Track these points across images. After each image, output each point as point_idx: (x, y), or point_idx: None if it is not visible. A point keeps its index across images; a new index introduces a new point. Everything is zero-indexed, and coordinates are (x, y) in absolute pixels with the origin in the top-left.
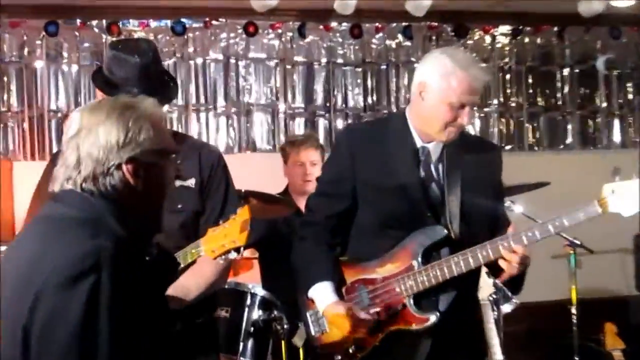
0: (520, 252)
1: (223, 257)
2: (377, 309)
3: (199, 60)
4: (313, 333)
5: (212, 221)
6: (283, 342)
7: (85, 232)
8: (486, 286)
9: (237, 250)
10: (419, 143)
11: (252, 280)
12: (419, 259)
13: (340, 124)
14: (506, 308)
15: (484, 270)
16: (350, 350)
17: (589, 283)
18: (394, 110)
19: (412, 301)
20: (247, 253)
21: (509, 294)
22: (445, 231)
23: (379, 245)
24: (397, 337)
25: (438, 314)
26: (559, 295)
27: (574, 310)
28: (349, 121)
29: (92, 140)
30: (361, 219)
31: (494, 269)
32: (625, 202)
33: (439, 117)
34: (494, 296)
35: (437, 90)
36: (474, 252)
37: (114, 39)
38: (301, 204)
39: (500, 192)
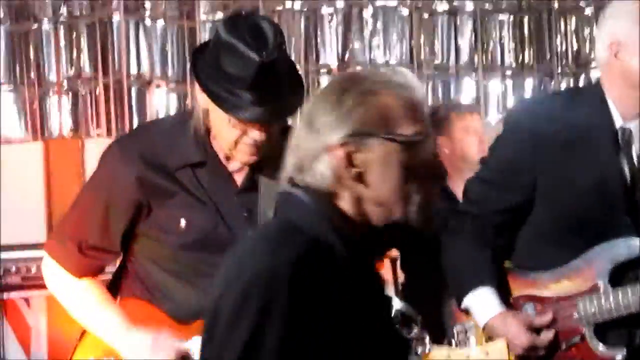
0: None
1: None
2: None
3: (310, 11)
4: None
5: None
6: None
7: (267, 245)
8: None
9: None
10: (618, 123)
11: None
12: (607, 279)
13: (492, 86)
14: None
15: None
16: None
17: None
18: (556, 69)
19: (592, 332)
20: None
21: None
22: None
23: (556, 255)
24: None
25: (625, 351)
26: None
27: None
28: (505, 83)
29: (305, 121)
30: (536, 220)
31: None
32: None
33: None
34: None
35: (637, 41)
36: None
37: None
38: (459, 187)
39: None
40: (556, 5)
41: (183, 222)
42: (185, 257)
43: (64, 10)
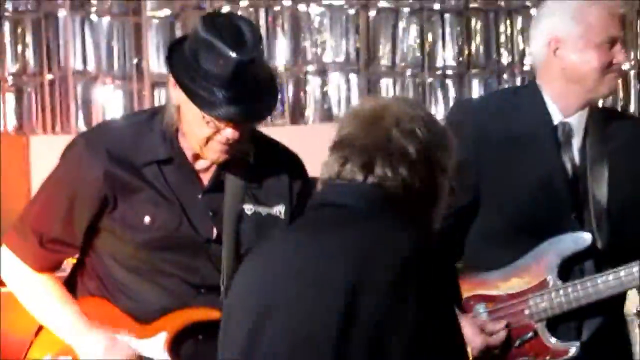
0: None
1: None
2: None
3: (261, 8)
4: None
5: None
6: None
7: (402, 225)
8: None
9: None
10: (557, 118)
11: None
12: (555, 274)
13: (437, 86)
14: None
15: None
16: None
17: None
18: (505, 69)
19: (545, 327)
20: None
21: None
22: (590, 238)
23: (504, 253)
24: None
25: (578, 344)
26: None
27: None
28: (448, 82)
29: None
30: (484, 220)
31: None
32: None
33: (589, 65)
34: None
35: (577, 38)
36: (629, 270)
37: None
38: None
39: None
40: (502, 4)
41: (147, 219)
42: (147, 254)
43: (9, 5)
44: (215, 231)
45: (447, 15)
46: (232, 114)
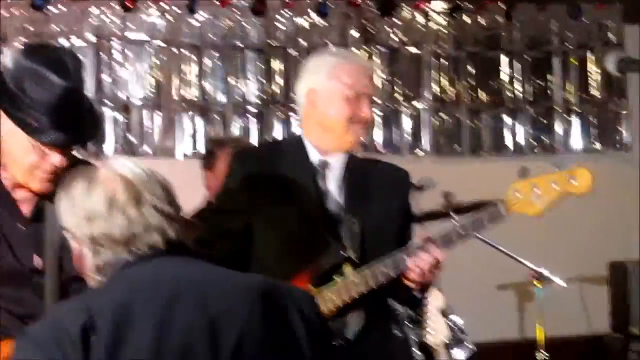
0: (427, 263)
1: None
2: None
3: (64, 42)
4: None
5: None
6: None
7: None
8: (440, 329)
9: None
10: (317, 158)
11: None
12: (315, 283)
13: (237, 122)
14: (459, 355)
15: (436, 311)
16: None
17: (558, 320)
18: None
19: None
20: None
21: (464, 337)
22: (343, 253)
23: (280, 267)
24: None
25: (342, 341)
26: (522, 335)
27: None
28: (250, 118)
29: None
30: (260, 242)
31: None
32: (529, 201)
33: (339, 115)
34: (447, 340)
35: (329, 90)
36: (371, 268)
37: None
38: None
39: (408, 217)
40: (305, 44)
41: None
42: None
43: None
44: (39, 261)
45: (248, 53)
46: (60, 139)
